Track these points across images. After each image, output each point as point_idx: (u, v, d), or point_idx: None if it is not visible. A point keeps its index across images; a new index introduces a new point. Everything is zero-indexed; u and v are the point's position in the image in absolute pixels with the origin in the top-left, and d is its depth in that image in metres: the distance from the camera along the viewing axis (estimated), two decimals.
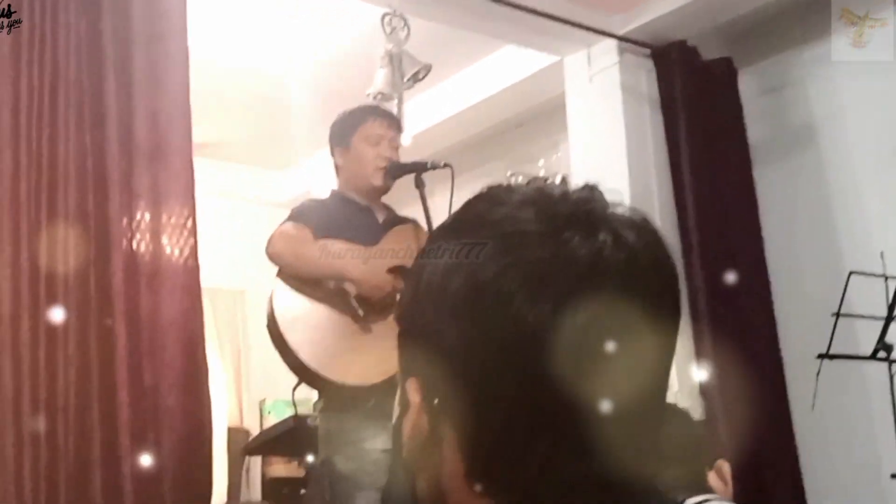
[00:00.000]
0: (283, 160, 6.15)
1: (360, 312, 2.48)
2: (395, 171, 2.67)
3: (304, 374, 2.46)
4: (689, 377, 4.01)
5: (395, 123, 2.76)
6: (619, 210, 0.77)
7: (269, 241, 2.53)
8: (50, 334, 2.50)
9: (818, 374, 3.14)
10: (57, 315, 2.51)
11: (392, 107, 3.72)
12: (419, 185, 2.57)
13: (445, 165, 2.61)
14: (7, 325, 2.41)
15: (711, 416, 3.89)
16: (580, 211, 0.75)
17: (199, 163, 5.66)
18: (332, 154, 2.77)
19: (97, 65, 2.70)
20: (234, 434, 5.11)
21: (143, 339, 2.66)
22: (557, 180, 0.80)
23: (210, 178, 5.78)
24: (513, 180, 0.83)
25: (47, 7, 2.67)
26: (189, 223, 2.79)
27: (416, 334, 0.78)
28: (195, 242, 2.76)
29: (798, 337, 3.98)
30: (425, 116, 5.16)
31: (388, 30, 3.60)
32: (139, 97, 2.76)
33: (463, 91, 5.11)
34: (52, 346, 2.49)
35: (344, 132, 2.73)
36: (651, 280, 0.75)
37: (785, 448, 3.97)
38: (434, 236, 0.80)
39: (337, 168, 2.77)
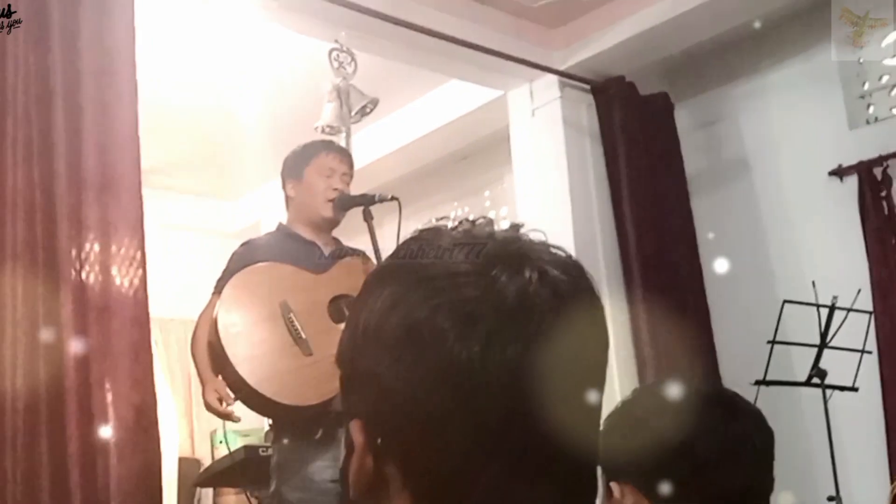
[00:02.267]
0: (232, 191, 6.16)
1: (302, 335, 2.51)
2: (344, 203, 2.72)
3: (243, 390, 2.47)
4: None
5: (347, 159, 2.82)
6: (544, 247, 0.81)
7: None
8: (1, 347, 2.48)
9: (755, 400, 3.24)
10: (5, 345, 2.50)
11: (340, 140, 3.77)
12: (367, 217, 2.62)
13: (393, 198, 2.67)
14: None
15: None
16: (507, 250, 0.79)
17: (148, 194, 5.66)
18: (284, 186, 2.81)
19: (45, 97, 2.71)
20: (186, 464, 5.07)
21: (92, 372, 2.65)
22: (484, 222, 0.84)
23: (160, 209, 5.76)
24: (455, 213, 0.88)
25: None
26: (138, 255, 2.80)
27: (356, 376, 0.80)
28: (144, 274, 2.77)
29: (736, 363, 4.10)
30: (372, 149, 5.21)
31: (335, 64, 3.65)
32: (88, 129, 2.77)
33: (409, 124, 5.19)
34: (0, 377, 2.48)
35: (297, 164, 2.78)
36: (577, 313, 0.79)
37: None
38: (370, 279, 0.83)
39: (287, 200, 2.81)
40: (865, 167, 3.96)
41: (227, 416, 2.53)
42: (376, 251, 2.60)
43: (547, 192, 4.40)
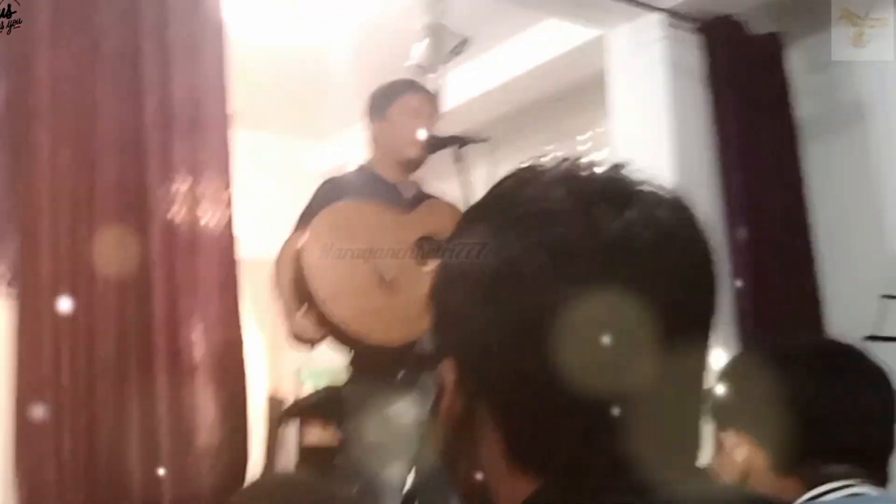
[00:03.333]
0: (320, 131, 6.13)
1: (386, 276, 2.45)
2: (433, 144, 2.63)
3: (328, 326, 2.44)
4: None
5: (433, 100, 2.72)
6: (650, 187, 0.76)
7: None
8: (88, 302, 2.51)
9: None
10: (94, 286, 2.52)
11: (432, 80, 3.68)
12: (458, 159, 2.52)
13: (484, 140, 2.56)
14: (47, 290, 2.42)
15: None
16: (609, 187, 0.74)
17: (234, 133, 5.69)
18: (368, 125, 2.73)
19: (133, 38, 2.69)
20: (271, 403, 5.14)
21: (181, 310, 2.66)
22: (585, 162, 0.80)
23: (245, 149, 5.79)
24: (551, 155, 0.83)
25: None
26: (226, 195, 2.78)
27: (448, 315, 0.77)
28: (231, 214, 2.76)
29: (846, 317, 3.89)
30: (465, 89, 5.10)
31: (427, 2, 3.55)
32: (177, 68, 2.75)
33: (503, 64, 5.04)
34: (90, 313, 2.50)
35: (382, 103, 2.70)
36: (684, 259, 0.73)
37: None
38: (464, 218, 0.79)
39: (371, 140, 2.74)
40: None
41: (310, 348, 2.50)
42: (466, 195, 2.51)
43: (648, 138, 4.23)
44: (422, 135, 2.62)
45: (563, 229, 0.71)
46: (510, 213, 0.74)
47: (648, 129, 4.22)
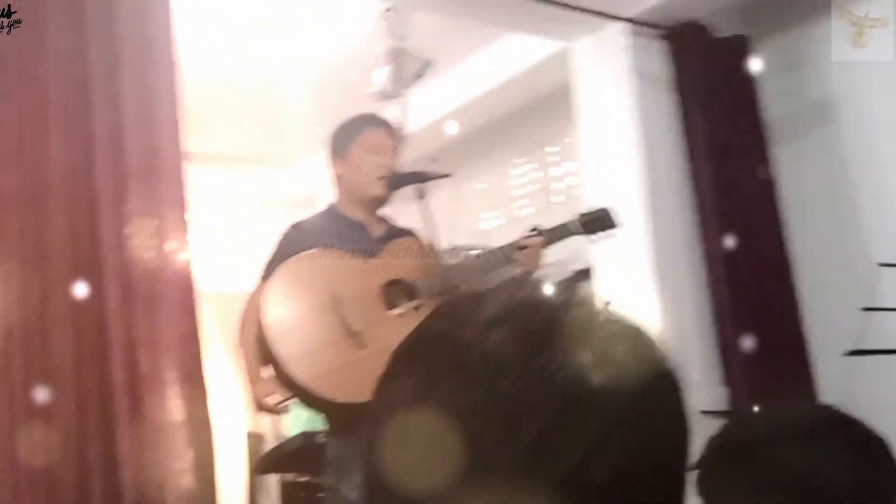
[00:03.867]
0: (287, 159, 6.04)
1: (353, 327, 2.36)
2: (396, 181, 2.54)
3: (294, 388, 2.35)
4: (712, 379, 3.90)
5: (394, 133, 2.63)
6: (608, 316, 0.66)
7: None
8: (46, 348, 2.41)
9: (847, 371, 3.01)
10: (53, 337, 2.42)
11: (395, 105, 3.60)
12: (420, 195, 2.44)
13: (446, 175, 2.49)
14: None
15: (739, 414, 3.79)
16: (559, 325, 0.64)
17: (202, 167, 5.57)
18: (331, 165, 2.65)
19: (84, 83, 2.59)
20: (251, 439, 5.04)
21: (140, 355, 2.57)
22: (529, 281, 0.69)
23: (214, 181, 5.70)
24: (522, 168, 0.71)
25: (30, 25, 2.55)
26: (184, 231, 2.69)
27: (379, 487, 0.65)
28: (189, 251, 2.67)
29: (826, 330, 3.84)
30: (431, 108, 5.02)
31: (388, 26, 3.46)
32: (128, 114, 2.65)
33: (468, 81, 4.97)
34: (46, 366, 2.40)
35: (342, 142, 2.61)
36: (650, 407, 0.63)
37: None
38: (398, 357, 0.69)
39: (335, 179, 2.65)
40: None
41: (278, 413, 2.41)
42: (431, 231, 2.43)
43: (617, 148, 4.17)
44: (383, 171, 2.53)
45: (509, 383, 0.61)
46: (447, 359, 0.64)
47: (617, 139, 4.16)
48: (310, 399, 2.36)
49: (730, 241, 3.98)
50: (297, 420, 4.42)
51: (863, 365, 2.86)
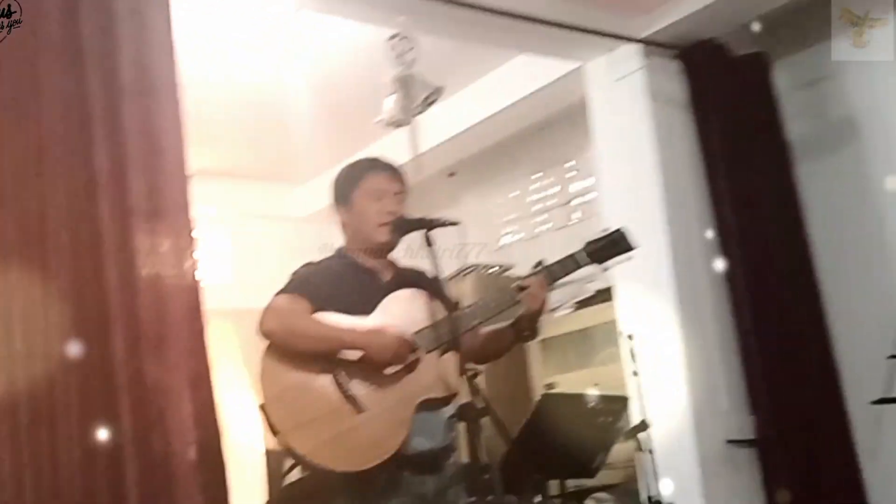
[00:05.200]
0: (302, 175, 6.03)
1: (351, 391, 2.32)
2: (402, 227, 2.49)
3: (296, 459, 2.32)
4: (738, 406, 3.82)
5: (398, 175, 2.57)
6: None
7: (262, 318, 2.39)
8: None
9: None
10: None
11: (403, 133, 3.56)
12: (428, 243, 2.39)
13: (454, 223, 2.43)
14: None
15: (772, 464, 3.72)
16: None
17: (218, 185, 5.56)
18: (336, 211, 2.61)
19: (84, 119, 2.58)
20: (272, 457, 5.01)
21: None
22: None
23: (229, 199, 5.71)
24: (540, 184, 0.67)
25: (26, 62, 2.54)
26: (189, 244, 2.68)
27: None
28: (195, 264, 2.65)
29: (854, 350, 3.76)
30: (445, 127, 4.97)
31: (394, 53, 3.41)
32: (132, 154, 2.64)
33: (482, 100, 4.92)
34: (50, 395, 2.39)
35: (344, 189, 2.56)
36: None
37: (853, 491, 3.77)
38: None
39: (341, 226, 2.61)
40: None
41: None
42: (438, 277, 2.38)
43: (634, 167, 4.10)
44: (387, 218, 2.49)
45: None
46: None
47: (634, 160, 4.09)
48: (311, 468, 2.32)
49: (753, 262, 3.90)
50: None
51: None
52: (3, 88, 2.48)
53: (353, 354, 2.34)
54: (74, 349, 2.42)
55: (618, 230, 2.60)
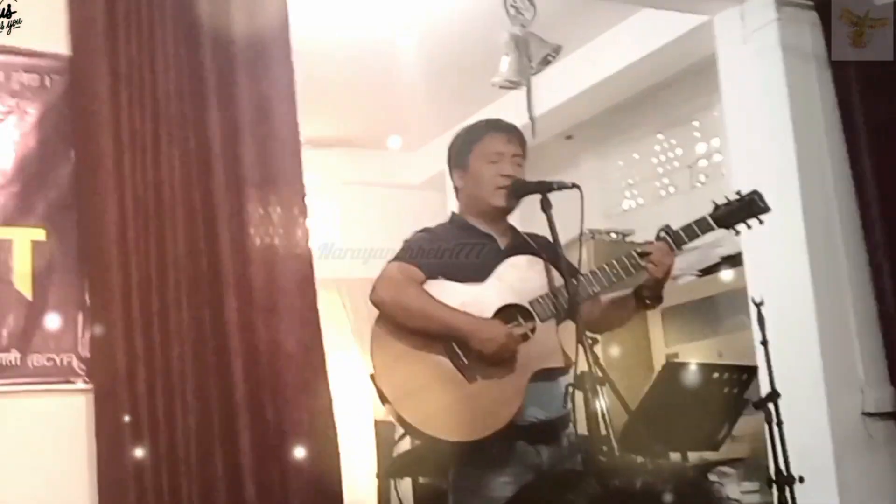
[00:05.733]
0: (414, 142, 6.00)
1: (465, 360, 2.26)
2: (519, 190, 2.41)
3: (407, 428, 2.29)
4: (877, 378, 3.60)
5: (515, 137, 2.48)
6: None
7: (374, 286, 2.35)
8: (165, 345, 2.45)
9: None
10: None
11: (521, 94, 3.45)
12: (545, 207, 2.29)
13: (573, 186, 2.33)
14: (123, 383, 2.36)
15: None
16: None
17: (329, 153, 5.59)
18: (451, 176, 2.54)
19: (199, 97, 2.59)
20: (382, 427, 5.05)
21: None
22: None
23: (343, 166, 5.73)
24: (662, 145, 0.59)
25: (144, 34, 2.57)
26: (302, 212, 2.68)
27: None
28: (307, 231, 2.66)
29: None
30: (563, 88, 4.83)
31: (511, 11, 3.31)
32: (245, 128, 2.63)
33: (601, 59, 4.74)
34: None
35: (461, 152, 2.50)
36: None
37: None
38: None
39: (456, 190, 2.55)
40: None
41: None
42: (556, 243, 2.29)
43: (765, 126, 3.87)
44: (504, 181, 2.41)
45: None
46: None
47: (766, 118, 3.86)
48: (423, 438, 2.29)
49: (893, 227, 3.64)
50: None
51: None
52: (121, 59, 2.51)
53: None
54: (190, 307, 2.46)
55: (751, 193, 2.46)
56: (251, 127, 2.65)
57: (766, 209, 2.44)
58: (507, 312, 2.34)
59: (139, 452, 2.31)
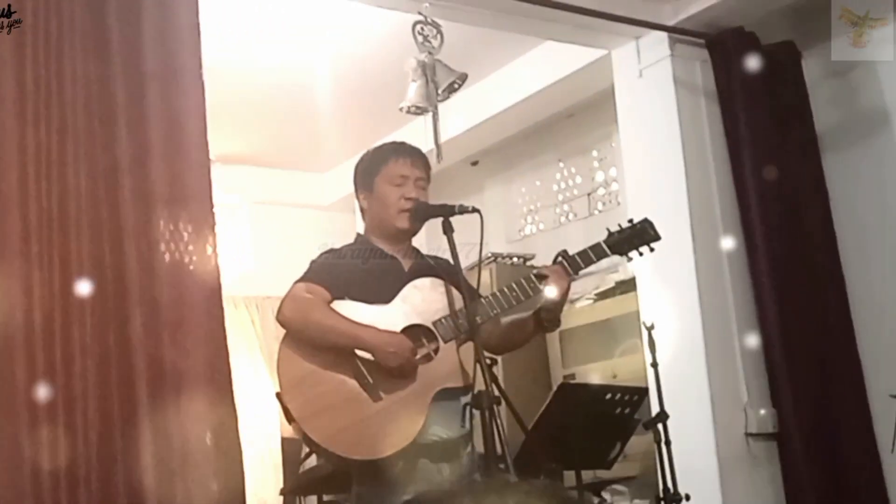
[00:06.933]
0: (324, 163, 6.03)
1: (370, 380, 2.32)
2: (422, 213, 2.48)
3: (312, 447, 2.33)
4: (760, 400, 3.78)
5: (420, 161, 2.56)
6: None
7: (281, 306, 2.39)
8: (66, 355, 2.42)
9: None
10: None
11: (427, 120, 3.53)
12: (446, 230, 2.38)
13: (474, 210, 2.42)
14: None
15: (792, 458, 3.69)
16: None
17: (238, 171, 5.58)
18: (357, 197, 2.60)
19: (108, 111, 2.58)
20: (288, 444, 5.04)
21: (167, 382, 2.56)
22: None
23: (252, 186, 5.72)
24: (563, 173, 0.65)
25: (52, 48, 2.55)
26: (210, 231, 2.67)
27: None
28: (215, 249, 2.64)
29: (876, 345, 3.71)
30: (468, 115, 4.95)
31: (419, 39, 3.39)
32: (154, 143, 2.63)
33: (505, 88, 4.89)
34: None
35: (367, 173, 2.56)
36: None
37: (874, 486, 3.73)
38: None
39: (362, 211, 2.61)
40: None
41: None
42: (457, 266, 2.37)
43: (658, 157, 4.05)
44: (408, 204, 2.48)
45: None
46: None
47: (659, 148, 4.05)
48: (328, 456, 2.33)
49: (777, 254, 3.85)
50: None
51: None
52: (28, 73, 2.49)
53: (365, 353, 2.34)
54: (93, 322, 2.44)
55: (642, 221, 2.59)
56: (160, 143, 2.65)
57: (656, 237, 2.58)
58: (412, 333, 2.40)
59: (38, 467, 2.27)
